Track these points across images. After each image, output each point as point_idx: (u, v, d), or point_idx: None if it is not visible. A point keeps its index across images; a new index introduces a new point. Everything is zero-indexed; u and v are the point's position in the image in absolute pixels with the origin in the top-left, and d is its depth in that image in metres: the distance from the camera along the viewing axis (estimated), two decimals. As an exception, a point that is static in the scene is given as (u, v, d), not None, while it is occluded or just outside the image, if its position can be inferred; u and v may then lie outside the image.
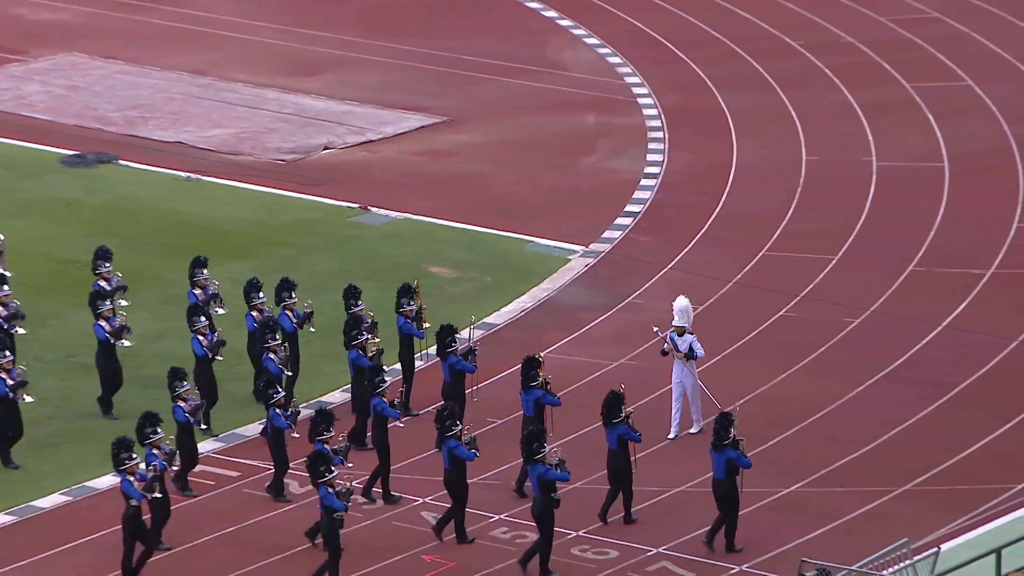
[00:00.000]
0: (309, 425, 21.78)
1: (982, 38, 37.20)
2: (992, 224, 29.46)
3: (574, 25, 38.64)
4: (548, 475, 20.68)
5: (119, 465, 20.72)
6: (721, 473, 21.11)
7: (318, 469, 20.68)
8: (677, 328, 23.44)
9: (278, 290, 24.12)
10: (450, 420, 21.21)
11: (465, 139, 33.36)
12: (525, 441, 21.01)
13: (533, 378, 22.38)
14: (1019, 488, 22.50)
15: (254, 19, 38.74)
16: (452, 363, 23.13)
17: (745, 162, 32.09)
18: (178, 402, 22.25)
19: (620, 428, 21.68)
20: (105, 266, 24.57)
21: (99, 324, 23.65)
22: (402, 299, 24.13)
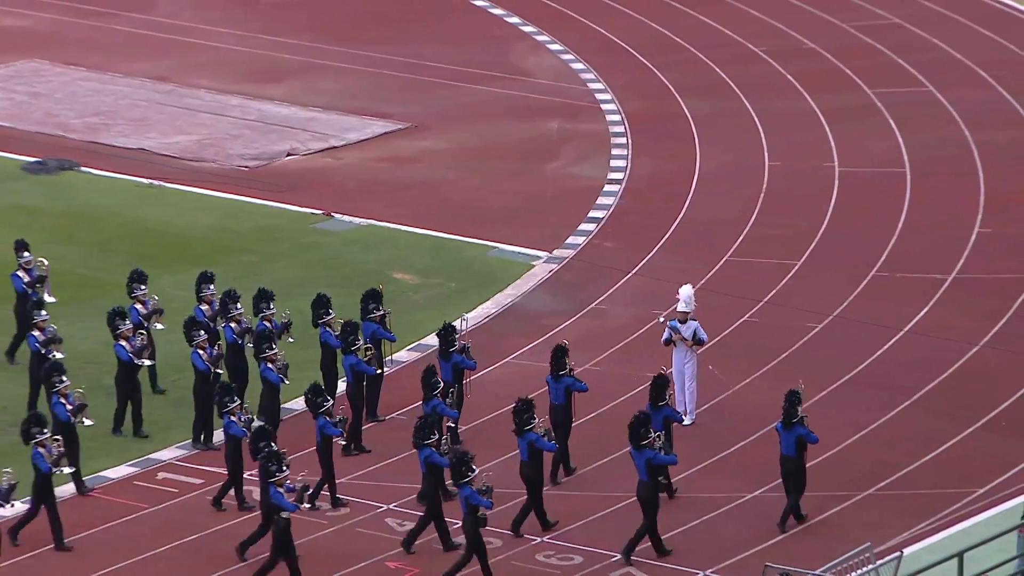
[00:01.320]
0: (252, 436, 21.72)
1: (944, 44, 37.39)
2: (954, 229, 29.60)
3: (537, 31, 38.68)
4: (656, 459, 20.69)
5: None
6: (792, 450, 21.46)
7: (268, 468, 20.60)
8: (680, 315, 23.53)
9: (256, 300, 24.06)
10: (464, 467, 20.73)
11: (429, 145, 33.36)
12: (632, 427, 20.82)
13: (562, 366, 22.41)
14: (981, 492, 22.60)
15: (217, 25, 38.67)
16: (456, 361, 23.20)
17: (708, 168, 32.18)
18: (59, 398, 22.10)
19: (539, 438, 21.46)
20: (141, 289, 24.37)
21: (120, 344, 23.44)
22: (369, 304, 24.10)
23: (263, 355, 23.19)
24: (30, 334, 23.62)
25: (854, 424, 23.60)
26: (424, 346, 26.07)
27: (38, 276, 24.88)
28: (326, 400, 22.13)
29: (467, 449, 21.30)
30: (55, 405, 22.18)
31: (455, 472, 20.74)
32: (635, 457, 21.06)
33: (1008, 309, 26.94)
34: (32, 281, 24.80)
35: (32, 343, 23.58)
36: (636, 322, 26.08)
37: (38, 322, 23.59)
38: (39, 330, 23.55)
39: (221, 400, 22.17)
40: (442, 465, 21.23)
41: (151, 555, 21.60)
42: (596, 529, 21.86)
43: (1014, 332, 26.29)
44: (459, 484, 20.75)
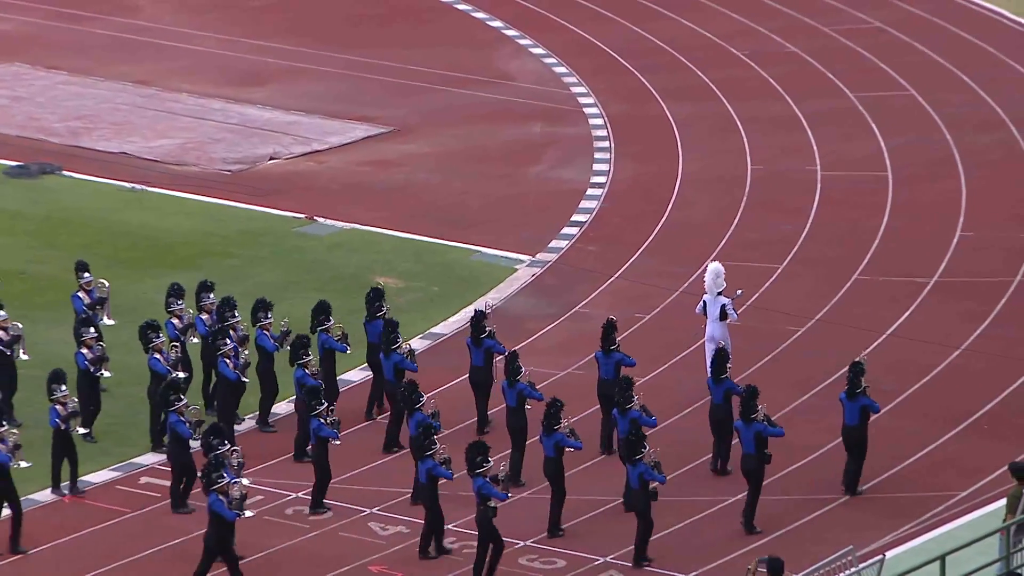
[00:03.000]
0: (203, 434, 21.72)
1: (924, 48, 37.48)
2: (935, 233, 29.67)
3: (520, 35, 38.70)
4: (648, 474, 20.92)
5: None
6: (855, 419, 22.26)
7: (210, 476, 20.54)
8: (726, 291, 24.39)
9: (254, 311, 23.96)
10: (480, 457, 20.84)
11: (411, 149, 33.35)
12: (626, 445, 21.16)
13: (611, 341, 23.23)
14: (963, 495, 22.65)
15: (199, 29, 38.62)
16: (488, 346, 23.53)
17: (690, 171, 32.21)
18: (55, 405, 22.12)
19: (557, 435, 21.71)
20: (178, 303, 24.26)
21: (155, 357, 23.35)
22: (375, 303, 24.17)
23: (220, 351, 23.17)
24: (78, 352, 23.44)
25: (837, 427, 23.63)
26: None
27: (98, 298, 24.71)
28: (319, 403, 22.09)
29: (483, 439, 21.34)
30: (51, 411, 22.15)
31: (470, 462, 20.77)
32: (847, 406, 22.14)
33: (990, 312, 27.01)
34: (92, 303, 24.64)
35: (80, 361, 23.39)
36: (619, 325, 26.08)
37: (86, 339, 23.45)
38: (87, 348, 23.41)
39: (167, 397, 22.09)
40: (446, 477, 21.15)
41: (133, 559, 21.55)
42: (579, 533, 21.86)
43: (996, 335, 26.36)
44: (473, 474, 20.75)
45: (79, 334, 23.63)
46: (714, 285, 24.49)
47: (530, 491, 22.30)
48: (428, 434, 21.31)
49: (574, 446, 21.72)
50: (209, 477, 20.53)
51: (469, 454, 20.81)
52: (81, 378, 23.42)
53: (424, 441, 21.23)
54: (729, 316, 24.42)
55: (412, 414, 22.18)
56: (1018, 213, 30.25)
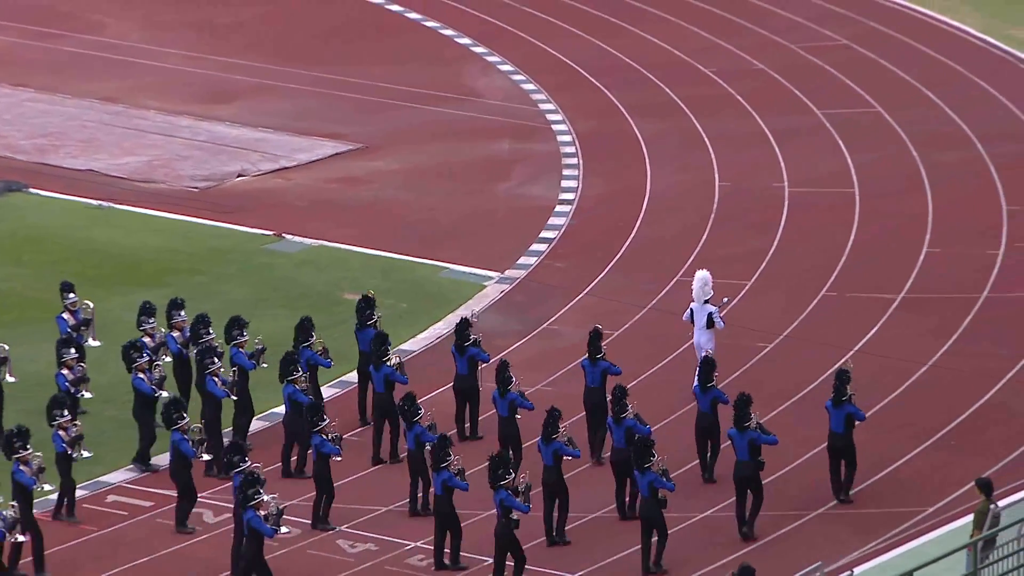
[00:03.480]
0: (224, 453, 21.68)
1: (891, 65, 37.65)
2: (902, 248, 29.77)
3: (488, 52, 38.75)
4: (658, 482, 21.11)
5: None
6: (841, 427, 22.40)
7: (247, 492, 20.51)
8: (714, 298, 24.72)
9: (228, 328, 23.92)
10: (502, 470, 20.90)
11: (380, 166, 33.34)
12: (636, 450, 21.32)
13: (598, 350, 23.38)
14: (930, 511, 22.70)
15: (166, 46, 38.56)
16: (471, 354, 23.66)
17: (659, 188, 32.27)
18: (58, 431, 22.03)
19: (555, 444, 21.86)
20: (149, 322, 24.18)
21: (139, 377, 23.26)
22: (366, 312, 24.37)
23: (208, 370, 23.14)
24: (59, 372, 23.34)
25: (805, 443, 23.67)
26: (375, 367, 25.97)
27: (83, 319, 24.60)
28: (321, 420, 22.06)
29: (505, 452, 21.40)
30: (54, 437, 21.98)
31: (492, 475, 20.86)
32: (833, 414, 22.36)
33: (957, 328, 27.11)
34: (77, 324, 24.51)
35: (61, 382, 23.29)
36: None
37: (67, 360, 23.35)
38: (67, 368, 23.31)
39: (169, 416, 22.00)
40: (462, 488, 21.17)
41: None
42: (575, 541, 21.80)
43: (963, 351, 26.45)
44: (496, 487, 20.81)
45: (60, 355, 23.49)
46: (701, 293, 24.75)
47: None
48: (444, 445, 21.32)
49: (572, 454, 21.90)
50: (245, 494, 20.52)
51: (491, 467, 20.91)
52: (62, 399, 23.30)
53: (440, 452, 21.24)
54: (716, 324, 24.61)
55: (411, 427, 22.23)
56: (984, 229, 30.39)
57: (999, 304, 27.79)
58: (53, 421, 22.07)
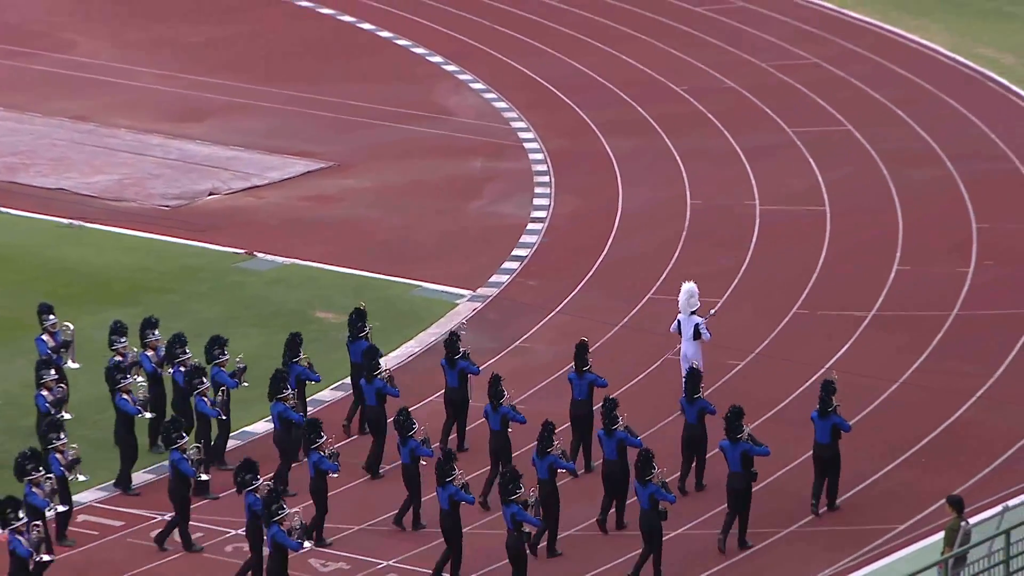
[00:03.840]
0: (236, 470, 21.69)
1: (861, 83, 37.82)
2: (873, 266, 29.87)
3: (460, 70, 38.79)
4: (659, 494, 21.25)
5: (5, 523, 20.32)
6: (827, 438, 22.67)
7: (271, 508, 20.56)
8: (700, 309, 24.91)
9: (208, 348, 23.92)
10: (512, 484, 21.01)
11: (352, 184, 33.33)
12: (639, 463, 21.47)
13: (584, 363, 23.53)
14: (901, 528, 22.76)
15: (137, 65, 38.51)
16: (462, 367, 23.86)
17: (631, 206, 32.34)
18: (55, 454, 21.96)
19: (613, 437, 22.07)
20: (121, 341, 24.09)
21: (123, 398, 23.21)
22: (358, 324, 24.54)
23: (197, 390, 23.17)
24: (38, 394, 23.25)
25: (776, 460, 23.72)
26: (348, 386, 25.97)
27: (63, 341, 24.52)
28: (319, 436, 22.04)
29: (516, 467, 21.46)
30: (51, 460, 21.91)
31: (503, 490, 20.97)
32: (819, 424, 22.58)
33: (927, 346, 27.20)
34: (57, 346, 24.43)
35: (41, 403, 23.21)
36: (560, 360, 26.10)
37: (46, 382, 23.28)
38: (47, 390, 23.24)
39: (169, 436, 22.00)
40: (468, 502, 21.28)
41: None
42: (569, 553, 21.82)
43: (933, 369, 26.54)
44: (507, 502, 20.91)
45: (39, 376, 23.41)
46: (688, 304, 24.94)
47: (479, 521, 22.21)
48: (450, 460, 21.41)
49: (568, 467, 22.12)
50: (270, 509, 20.57)
51: (502, 482, 21.02)
52: (41, 420, 23.20)
53: (446, 467, 21.32)
54: (702, 335, 24.81)
55: (405, 442, 22.31)
56: (954, 247, 30.52)
57: (969, 322, 27.91)
58: (49, 444, 21.99)
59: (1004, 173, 33.50)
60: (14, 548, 20.23)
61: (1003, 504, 20.81)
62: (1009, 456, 24.23)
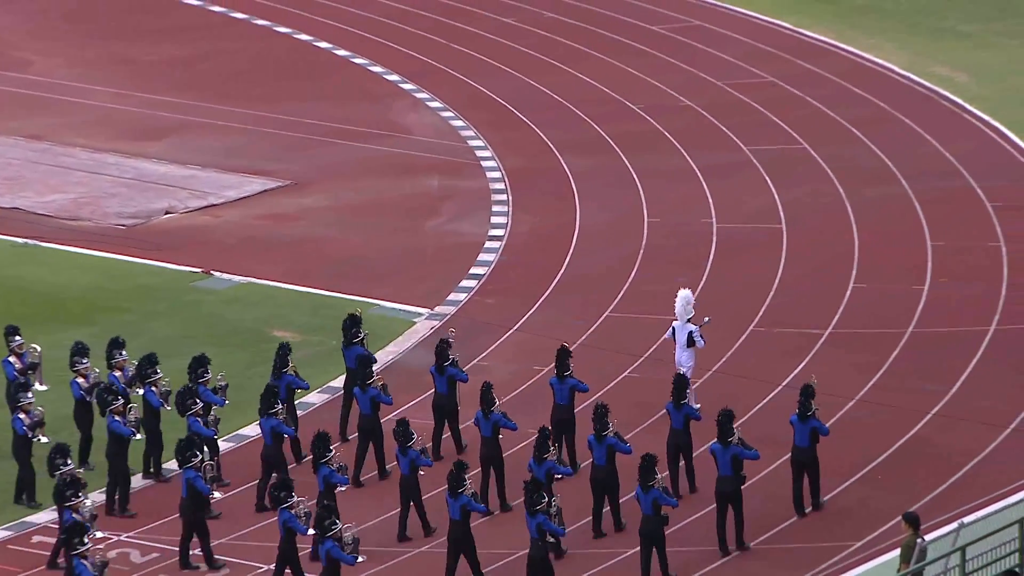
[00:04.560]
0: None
1: (816, 102, 38.01)
2: (829, 284, 29.99)
3: (417, 89, 38.81)
4: (661, 499, 21.57)
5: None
6: (805, 441, 23.11)
7: (324, 524, 20.60)
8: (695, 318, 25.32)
9: (192, 368, 23.87)
10: (537, 495, 21.12)
11: (309, 203, 33.28)
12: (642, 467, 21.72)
13: (566, 367, 23.95)
14: (858, 545, 22.83)
15: (93, 84, 38.37)
16: (451, 374, 24.23)
17: (588, 224, 32.39)
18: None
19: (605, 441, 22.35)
20: (83, 362, 24.03)
21: (115, 420, 23.14)
22: (352, 330, 24.80)
23: (190, 411, 23.18)
24: (16, 417, 23.15)
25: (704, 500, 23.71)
26: (305, 404, 25.90)
27: (30, 363, 24.41)
28: (327, 450, 22.09)
29: (537, 479, 21.66)
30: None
31: (528, 500, 21.16)
32: (798, 427, 23.03)
33: (883, 363, 27.31)
34: (24, 368, 24.32)
35: (18, 426, 23.11)
36: (518, 378, 26.11)
37: (23, 404, 23.16)
38: (24, 413, 23.11)
39: (183, 454, 22.02)
40: (481, 511, 21.52)
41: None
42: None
43: (889, 386, 26.65)
44: (532, 512, 21.09)
45: (16, 399, 23.26)
46: (683, 312, 25.38)
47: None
48: (462, 470, 21.60)
49: (565, 472, 22.40)
50: (323, 525, 20.67)
51: (527, 492, 21.23)
52: (18, 442, 23.08)
53: (458, 477, 21.50)
54: (696, 342, 25.26)
55: (405, 452, 22.50)
56: (910, 265, 30.68)
57: (925, 339, 28.05)
58: (56, 471, 21.88)
59: (958, 191, 33.71)
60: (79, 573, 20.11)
61: (959, 521, 20.89)
62: (965, 473, 24.34)
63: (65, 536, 20.68)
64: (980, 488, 23.76)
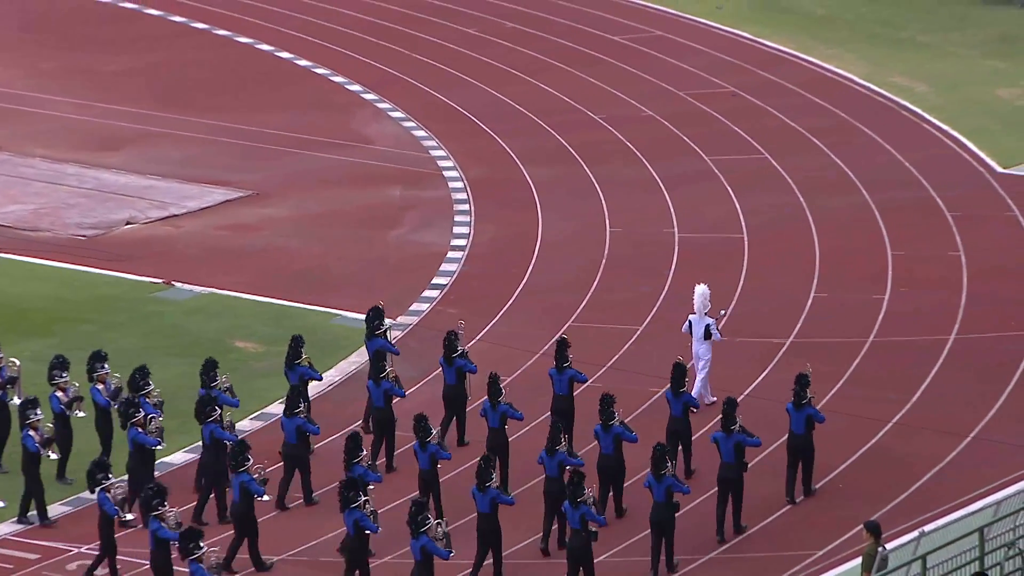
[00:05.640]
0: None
1: (777, 112, 38.14)
2: (790, 294, 30.08)
3: (378, 99, 38.78)
4: (675, 487, 22.10)
5: None
6: (801, 429, 23.66)
7: (417, 519, 20.74)
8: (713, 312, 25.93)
9: (205, 371, 23.87)
10: (578, 488, 21.54)
11: (270, 213, 33.20)
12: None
13: (564, 359, 24.45)
14: (820, 554, 22.89)
15: (52, 94, 38.21)
16: (459, 365, 24.74)
17: (550, 234, 32.41)
18: (103, 492, 21.70)
19: (559, 455, 22.63)
20: (62, 376, 23.86)
21: (138, 432, 23.13)
22: (375, 322, 25.20)
23: (133, 420, 23.03)
24: (26, 434, 22.91)
25: (696, 487, 23.78)
26: (267, 415, 25.83)
27: (9, 377, 24.24)
28: (246, 459, 22.09)
29: (582, 472, 21.92)
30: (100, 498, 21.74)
31: (572, 493, 21.52)
32: (794, 415, 23.55)
33: (843, 373, 27.40)
34: (3, 382, 24.16)
35: (30, 444, 22.92)
36: (480, 388, 26.08)
37: (32, 421, 23.00)
38: (34, 430, 22.96)
39: (236, 458, 21.92)
40: (508, 503, 21.86)
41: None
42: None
43: (850, 395, 26.74)
44: (575, 505, 21.39)
45: (25, 416, 23.03)
46: (701, 306, 25.95)
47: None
48: (489, 464, 21.90)
49: (576, 463, 22.69)
50: (416, 520, 20.62)
51: (570, 487, 21.54)
52: (28, 459, 22.97)
53: (486, 470, 21.78)
54: (713, 335, 25.86)
55: (424, 447, 22.82)
56: (870, 274, 30.80)
57: (885, 348, 28.15)
58: (97, 485, 21.78)
59: (918, 200, 33.87)
60: None
61: (920, 529, 20.97)
62: (925, 481, 24.44)
63: (180, 543, 20.56)
64: (941, 496, 23.86)
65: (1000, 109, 38.29)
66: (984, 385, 26.80)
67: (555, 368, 24.51)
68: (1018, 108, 38.30)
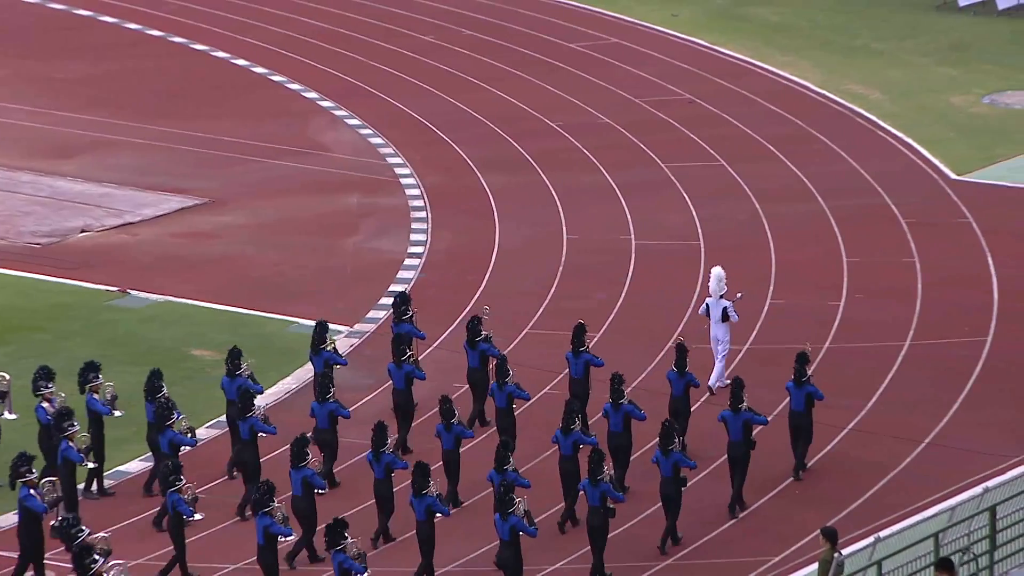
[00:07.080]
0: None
1: (734, 120, 38.28)
2: (747, 301, 30.16)
3: (335, 106, 38.74)
4: (683, 462, 22.79)
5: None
6: (801, 406, 24.42)
7: (332, 536, 20.71)
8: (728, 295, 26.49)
9: (230, 360, 24.12)
10: (597, 466, 21.89)
11: (226, 220, 33.12)
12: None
13: (581, 343, 25.29)
14: (777, 560, 22.96)
15: (6, 101, 38.03)
16: (483, 349, 25.44)
17: (507, 241, 32.44)
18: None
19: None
20: (48, 386, 23.75)
21: (173, 433, 23.27)
22: (401, 307, 25.86)
23: (65, 433, 22.86)
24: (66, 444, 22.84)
25: (653, 494, 23.83)
26: (223, 423, 25.74)
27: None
28: (178, 479, 21.93)
29: (600, 450, 22.36)
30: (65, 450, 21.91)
31: (592, 471, 21.98)
32: (794, 393, 24.27)
33: (800, 378, 27.46)
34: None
35: (73, 455, 22.83)
36: (437, 395, 26.05)
37: (70, 434, 22.83)
38: (72, 440, 22.84)
39: (167, 479, 21.92)
40: (524, 486, 22.07)
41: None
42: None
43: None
44: (595, 483, 22.03)
45: (62, 428, 22.92)
46: (717, 289, 26.56)
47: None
48: (508, 447, 22.36)
49: (589, 442, 23.17)
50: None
51: (590, 465, 22.03)
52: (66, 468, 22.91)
53: (504, 454, 22.27)
54: (730, 317, 26.46)
55: (449, 428, 23.42)
56: (826, 282, 30.93)
57: (840, 355, 28.27)
58: (20, 478, 21.68)
59: (873, 207, 34.04)
60: None
61: (875, 535, 21.06)
62: (881, 487, 24.55)
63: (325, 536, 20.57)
64: (896, 503, 23.97)
65: (954, 116, 38.53)
66: (939, 391, 26.94)
67: (571, 352, 25.25)
68: (971, 115, 38.56)
